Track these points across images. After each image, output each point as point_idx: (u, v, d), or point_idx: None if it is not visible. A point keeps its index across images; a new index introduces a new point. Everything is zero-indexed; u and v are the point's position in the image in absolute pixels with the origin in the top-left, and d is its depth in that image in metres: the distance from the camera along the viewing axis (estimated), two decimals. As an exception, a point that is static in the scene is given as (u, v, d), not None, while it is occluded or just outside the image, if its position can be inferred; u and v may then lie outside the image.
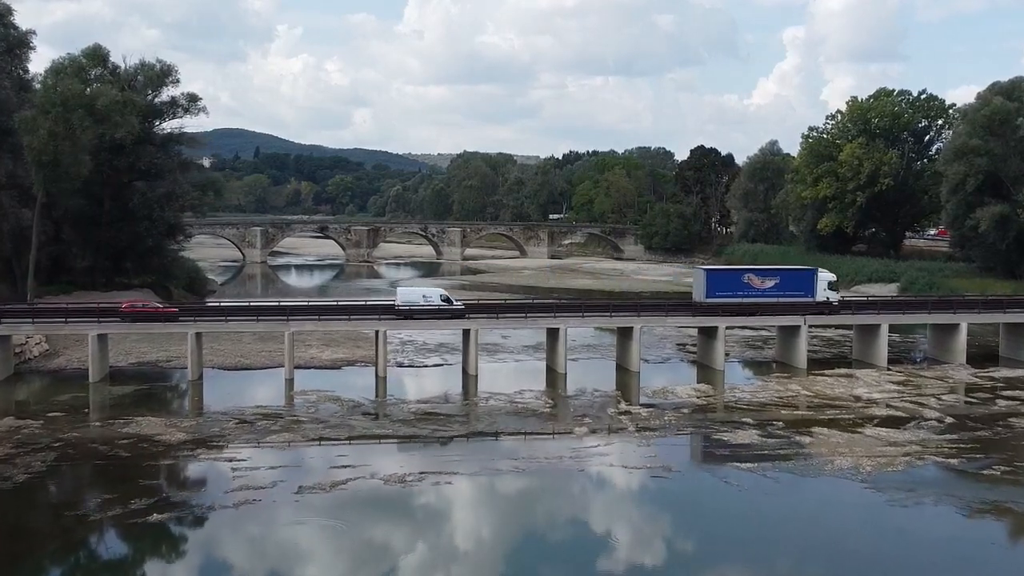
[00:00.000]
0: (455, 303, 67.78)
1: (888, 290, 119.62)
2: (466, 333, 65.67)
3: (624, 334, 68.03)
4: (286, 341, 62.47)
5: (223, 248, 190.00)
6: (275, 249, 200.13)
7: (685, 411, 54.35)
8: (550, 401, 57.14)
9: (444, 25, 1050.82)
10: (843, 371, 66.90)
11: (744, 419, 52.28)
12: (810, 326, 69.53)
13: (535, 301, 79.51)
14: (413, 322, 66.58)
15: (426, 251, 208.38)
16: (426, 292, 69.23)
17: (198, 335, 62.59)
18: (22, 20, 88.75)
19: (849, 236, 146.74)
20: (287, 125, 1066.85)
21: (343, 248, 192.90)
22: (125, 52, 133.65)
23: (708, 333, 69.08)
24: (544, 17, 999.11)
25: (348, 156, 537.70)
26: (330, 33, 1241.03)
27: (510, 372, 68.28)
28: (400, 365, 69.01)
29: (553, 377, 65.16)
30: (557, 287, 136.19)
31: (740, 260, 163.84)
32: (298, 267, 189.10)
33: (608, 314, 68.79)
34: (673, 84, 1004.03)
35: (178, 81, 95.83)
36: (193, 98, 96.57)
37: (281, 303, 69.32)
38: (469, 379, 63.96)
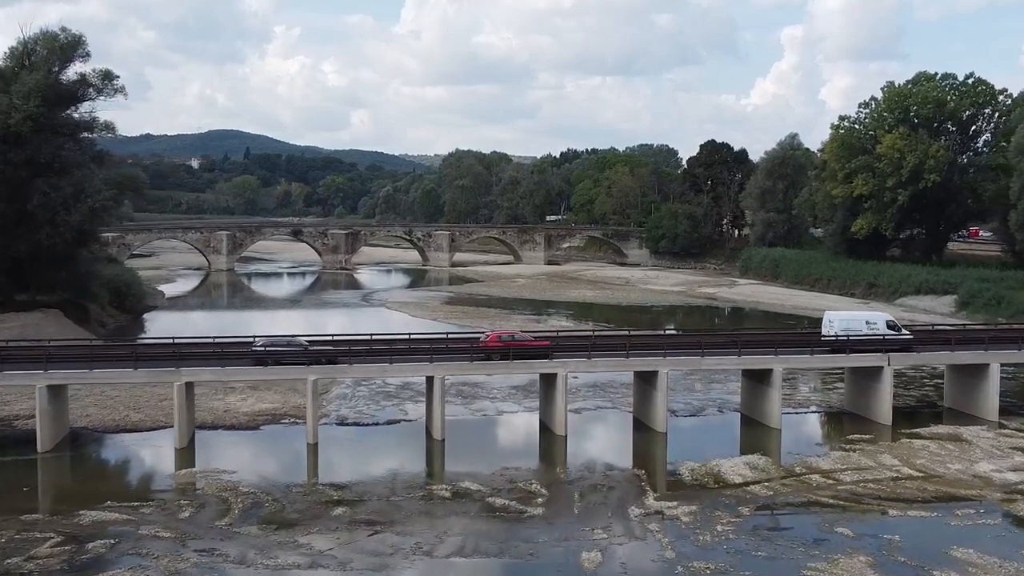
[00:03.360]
0: (902, 331, 53.51)
1: (942, 303, 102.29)
2: (430, 382, 47.98)
3: (645, 379, 50.41)
4: (175, 397, 44.75)
5: (196, 255, 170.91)
6: (248, 255, 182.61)
7: (744, 510, 36.52)
8: (544, 490, 39.10)
9: (442, 25, 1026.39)
10: (942, 430, 49.26)
11: (838, 528, 34.50)
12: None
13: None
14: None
15: (412, 256, 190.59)
16: (869, 317, 55.78)
17: (54, 389, 44.87)
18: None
19: (886, 239, 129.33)
20: (284, 126, 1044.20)
21: (319, 253, 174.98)
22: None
23: (757, 376, 51.38)
24: (542, 17, 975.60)
25: (344, 157, 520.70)
26: (327, 34, 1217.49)
27: (490, 433, 50.75)
28: (343, 423, 51.12)
29: (549, 442, 47.49)
30: (555, 300, 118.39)
31: (759, 266, 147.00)
32: (268, 275, 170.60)
33: (624, 354, 50.56)
34: (671, 84, 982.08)
35: (88, 55, 77.99)
36: (108, 76, 78.66)
37: (175, 340, 51.53)
38: (433, 446, 46.35)
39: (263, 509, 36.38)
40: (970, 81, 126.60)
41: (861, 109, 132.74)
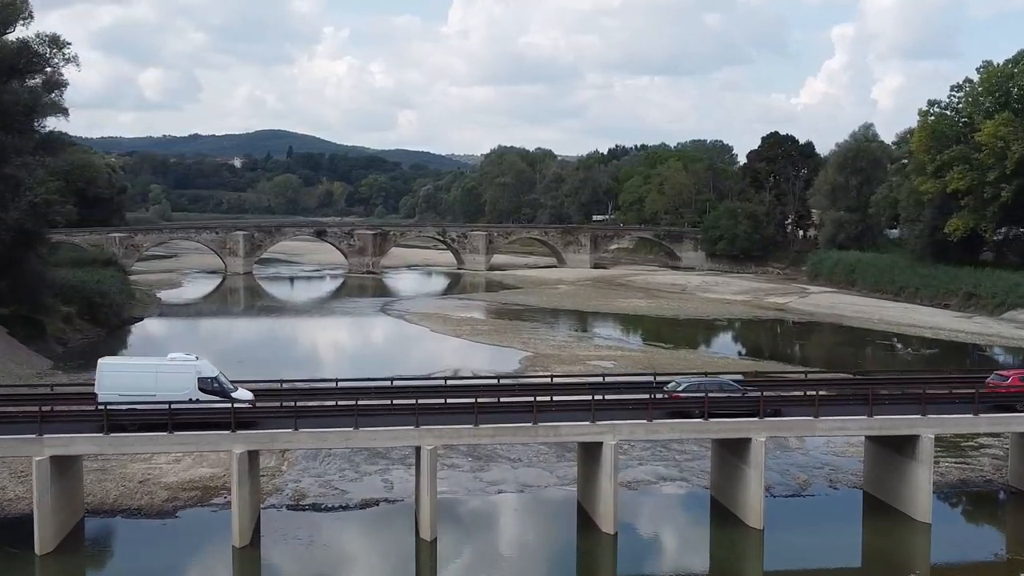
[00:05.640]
0: None
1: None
2: (418, 453, 33.03)
3: (730, 448, 34.99)
4: (35, 480, 30.18)
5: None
6: (271, 256, 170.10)
7: None
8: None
9: (488, 26, 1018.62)
10: None
11: None
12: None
13: (553, 382, 43.34)
14: None
15: (447, 258, 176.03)
16: None
17: None
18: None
19: (980, 242, 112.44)
20: (332, 127, 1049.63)
21: (344, 255, 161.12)
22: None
23: (893, 444, 35.69)
24: (588, 17, 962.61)
25: (390, 157, 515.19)
26: (375, 35, 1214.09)
27: (505, 528, 35.38)
28: (298, 504, 36.12)
29: (590, 547, 32.28)
30: (601, 310, 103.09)
31: (831, 271, 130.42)
32: (287, 279, 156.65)
33: (702, 413, 34.70)
34: (719, 83, 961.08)
35: (31, 16, 64.25)
36: (56, 42, 64.92)
37: (35, 392, 37.14)
38: (421, 550, 31.36)
39: None
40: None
41: (954, 93, 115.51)
